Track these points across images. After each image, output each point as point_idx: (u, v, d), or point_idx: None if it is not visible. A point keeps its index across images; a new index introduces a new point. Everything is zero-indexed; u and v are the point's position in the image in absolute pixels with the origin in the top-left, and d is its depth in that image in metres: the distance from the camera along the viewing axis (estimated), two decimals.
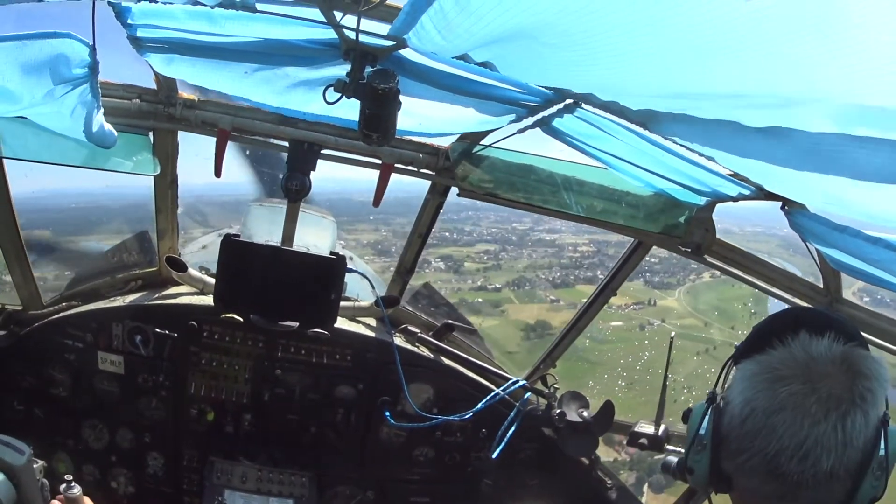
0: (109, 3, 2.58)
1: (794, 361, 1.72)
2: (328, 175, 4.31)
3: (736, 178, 3.38)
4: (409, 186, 4.45)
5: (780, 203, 3.42)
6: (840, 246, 3.12)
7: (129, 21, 2.73)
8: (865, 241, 2.81)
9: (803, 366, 1.70)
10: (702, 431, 1.88)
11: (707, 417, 1.87)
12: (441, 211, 4.53)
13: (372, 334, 4.88)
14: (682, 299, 38.10)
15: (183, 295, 4.80)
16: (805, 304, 3.99)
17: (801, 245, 3.82)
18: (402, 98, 2.86)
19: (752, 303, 36.95)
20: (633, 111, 2.65)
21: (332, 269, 4.42)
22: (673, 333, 5.23)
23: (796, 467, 1.66)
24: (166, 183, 4.31)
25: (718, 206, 4.09)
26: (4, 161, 3.92)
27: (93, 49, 2.74)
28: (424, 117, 3.41)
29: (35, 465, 3.21)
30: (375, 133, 2.90)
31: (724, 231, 4.22)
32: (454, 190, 4.36)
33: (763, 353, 1.78)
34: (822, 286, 3.92)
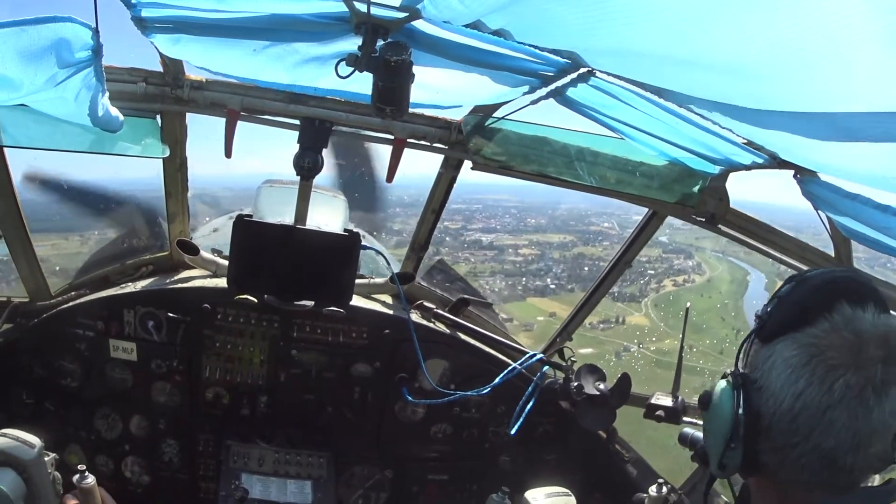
0: None
1: (844, 345, 1.61)
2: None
3: (750, 146, 3.35)
4: None
5: (792, 172, 3.41)
6: (851, 214, 3.11)
7: (132, 1, 2.67)
8: (875, 208, 2.80)
9: (854, 350, 1.60)
10: (726, 418, 1.74)
11: (740, 408, 1.72)
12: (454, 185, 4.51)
13: (388, 311, 4.86)
14: (651, 314, 37.11)
15: (195, 278, 4.77)
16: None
17: None
18: (414, 70, 2.80)
19: (732, 317, 35.83)
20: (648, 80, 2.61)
21: (346, 247, 4.38)
22: (689, 304, 5.12)
23: (850, 459, 1.62)
24: (175, 166, 4.26)
25: None
26: (6, 151, 3.86)
27: (96, 31, 2.67)
28: (438, 90, 3.35)
29: (46, 459, 3.20)
30: (389, 106, 2.85)
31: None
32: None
33: (801, 332, 1.66)
34: (833, 255, 3.92)
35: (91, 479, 3.34)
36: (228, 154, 4.04)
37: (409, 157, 4.24)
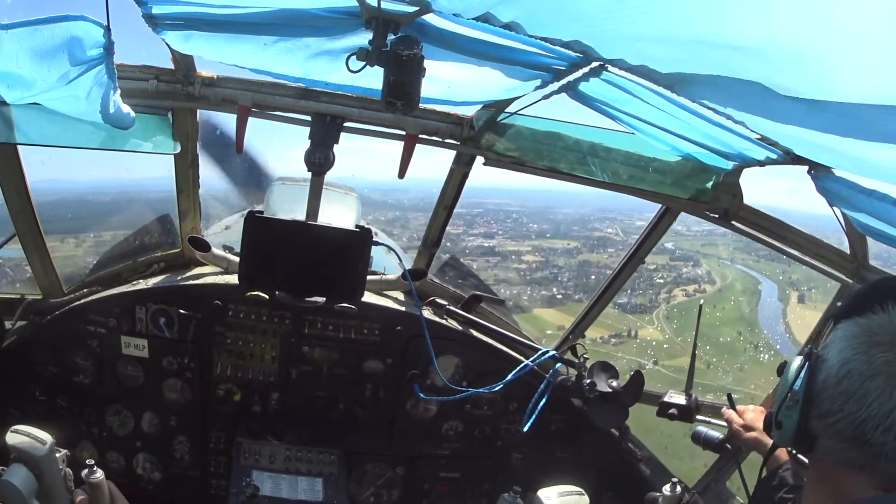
0: None
1: (893, 329, 1.75)
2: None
3: (764, 141, 3.33)
4: None
5: (806, 168, 3.38)
6: (867, 210, 3.10)
7: None
8: (893, 204, 2.79)
9: None
10: (796, 387, 1.90)
11: (803, 373, 1.89)
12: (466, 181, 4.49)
13: (400, 308, 4.84)
14: (663, 327, 36.12)
15: (207, 275, 4.77)
16: (834, 272, 3.96)
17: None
18: (425, 64, 2.78)
19: (745, 330, 34.99)
20: (661, 74, 2.58)
21: (358, 243, 4.35)
22: (702, 301, 5.08)
23: (880, 437, 1.71)
24: (187, 163, 4.26)
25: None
26: (20, 149, 3.87)
27: (107, 29, 2.68)
28: (449, 84, 3.34)
29: (58, 455, 3.20)
30: (399, 101, 2.83)
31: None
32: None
33: (864, 316, 1.83)
34: (848, 252, 3.89)
35: (99, 474, 3.34)
36: (239, 150, 4.05)
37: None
